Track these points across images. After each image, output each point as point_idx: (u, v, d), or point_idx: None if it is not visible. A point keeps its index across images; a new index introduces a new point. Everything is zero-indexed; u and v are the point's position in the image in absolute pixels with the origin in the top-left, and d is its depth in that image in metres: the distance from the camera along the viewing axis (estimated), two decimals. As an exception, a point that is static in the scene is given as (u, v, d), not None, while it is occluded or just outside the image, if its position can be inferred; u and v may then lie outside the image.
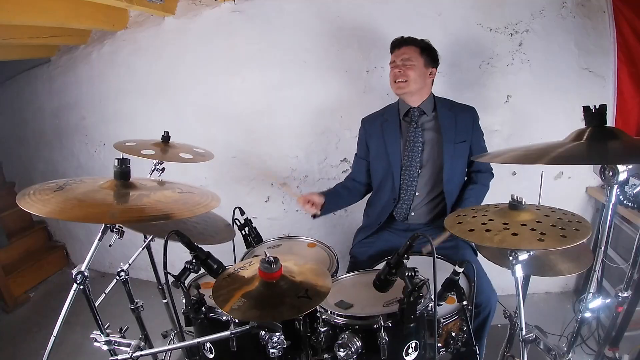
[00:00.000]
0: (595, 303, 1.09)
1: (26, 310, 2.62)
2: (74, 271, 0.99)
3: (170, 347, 1.22)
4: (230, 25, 2.23)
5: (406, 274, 1.01)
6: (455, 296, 1.18)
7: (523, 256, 0.98)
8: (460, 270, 1.13)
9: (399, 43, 1.70)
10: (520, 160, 0.93)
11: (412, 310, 1.01)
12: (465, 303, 1.17)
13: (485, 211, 1.07)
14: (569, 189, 2.23)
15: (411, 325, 1.04)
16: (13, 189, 3.14)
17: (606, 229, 1.02)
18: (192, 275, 1.16)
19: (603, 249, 1.03)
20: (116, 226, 1.23)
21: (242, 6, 2.20)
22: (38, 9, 1.83)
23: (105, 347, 1.11)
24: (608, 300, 1.12)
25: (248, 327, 1.03)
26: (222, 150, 2.32)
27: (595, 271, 1.06)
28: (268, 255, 0.96)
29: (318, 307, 1.12)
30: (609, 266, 1.92)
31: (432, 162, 1.68)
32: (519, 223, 0.96)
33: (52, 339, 1.04)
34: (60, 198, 0.92)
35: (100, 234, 1.04)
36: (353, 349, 1.04)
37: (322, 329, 1.12)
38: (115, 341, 1.12)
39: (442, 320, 1.20)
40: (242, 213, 1.61)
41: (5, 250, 2.80)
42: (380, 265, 1.14)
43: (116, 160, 1.04)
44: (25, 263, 2.86)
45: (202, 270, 1.11)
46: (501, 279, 1.55)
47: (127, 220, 1.02)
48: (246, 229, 1.62)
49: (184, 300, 1.13)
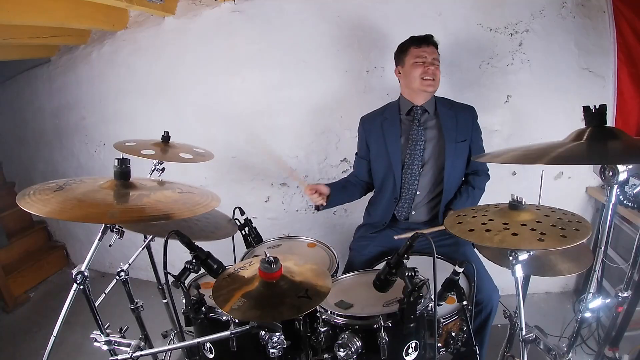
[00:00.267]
0: (595, 303, 1.09)
1: (26, 310, 2.62)
2: (74, 271, 0.99)
3: (170, 347, 1.22)
4: (230, 25, 2.23)
5: (406, 274, 1.01)
6: (455, 296, 1.18)
7: (523, 256, 0.98)
8: (460, 270, 1.13)
9: (427, 40, 1.66)
10: (520, 160, 0.93)
11: (412, 310, 1.02)
12: (465, 303, 1.17)
13: (485, 211, 1.07)
14: (569, 189, 2.23)
15: (411, 325, 1.04)
16: (13, 189, 3.14)
17: (606, 229, 1.02)
18: (192, 275, 1.16)
19: (603, 249, 1.03)
20: (116, 226, 1.23)
21: (242, 6, 2.19)
22: (38, 9, 1.83)
23: (105, 347, 1.12)
24: (608, 300, 1.12)
25: (248, 327, 1.03)
26: (222, 150, 2.32)
27: (595, 271, 1.06)
28: (268, 255, 0.96)
29: (318, 307, 1.12)
30: (609, 266, 1.92)
31: (434, 161, 1.68)
32: (519, 223, 0.96)
33: (52, 339, 1.04)
34: (60, 198, 0.93)
35: (100, 234, 1.05)
36: (353, 349, 1.04)
37: (322, 329, 1.12)
38: (115, 341, 1.12)
39: (442, 320, 1.20)
40: (242, 213, 1.61)
41: (5, 250, 2.80)
42: (380, 265, 1.14)
43: (116, 160, 1.04)
44: (25, 263, 2.86)
45: (202, 270, 1.11)
46: (501, 279, 1.55)
47: (127, 220, 1.02)
48: (246, 229, 1.62)
49: (184, 300, 1.14)
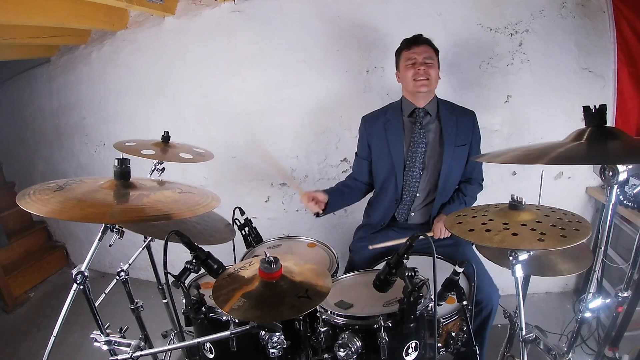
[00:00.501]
0: (595, 303, 1.09)
1: (26, 310, 2.62)
2: (74, 271, 0.99)
3: (170, 347, 1.22)
4: (230, 25, 2.23)
5: (406, 274, 1.01)
6: (455, 296, 1.18)
7: (523, 256, 0.98)
8: (460, 270, 1.13)
9: (417, 41, 1.65)
10: (520, 160, 0.92)
11: (412, 310, 1.02)
12: (465, 303, 1.17)
13: (485, 211, 1.07)
14: (569, 189, 2.23)
15: (411, 325, 1.04)
16: (13, 189, 3.15)
17: (606, 229, 1.02)
18: (192, 275, 1.16)
19: (603, 249, 1.03)
20: (116, 226, 1.23)
21: (242, 6, 2.19)
22: (38, 9, 1.83)
23: (105, 347, 1.12)
24: (608, 300, 1.12)
25: (248, 327, 1.03)
26: (222, 150, 2.32)
27: (595, 271, 1.06)
28: (268, 255, 0.96)
29: (318, 307, 1.12)
30: (609, 266, 1.92)
31: (434, 164, 1.68)
32: (519, 223, 0.97)
33: (52, 339, 1.04)
34: (60, 198, 0.93)
35: (100, 234, 1.05)
36: (353, 349, 1.04)
37: (322, 329, 1.12)
38: (115, 341, 1.12)
39: (442, 320, 1.21)
40: (242, 213, 1.61)
41: (5, 250, 2.80)
42: (380, 265, 1.14)
43: (116, 160, 1.04)
44: (25, 263, 2.86)
45: (202, 270, 1.11)
46: (501, 279, 1.55)
47: (127, 220, 1.02)
48: (246, 229, 1.63)
49: (184, 300, 1.13)
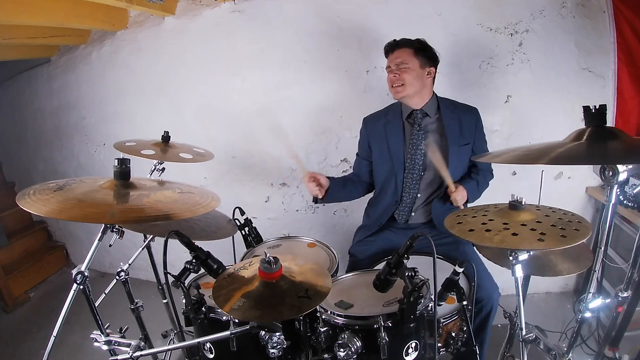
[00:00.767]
0: (595, 303, 1.09)
1: (26, 310, 2.62)
2: (74, 271, 0.99)
3: (170, 347, 1.22)
4: (230, 25, 2.23)
5: (406, 274, 1.01)
6: (455, 296, 1.18)
7: (523, 256, 0.98)
8: (460, 270, 1.13)
9: (391, 47, 1.66)
10: (520, 160, 0.93)
11: (412, 310, 1.02)
12: (465, 303, 1.17)
13: (485, 211, 1.07)
14: (569, 189, 2.23)
15: (411, 325, 1.04)
16: (13, 189, 3.14)
17: (606, 229, 1.02)
18: (192, 275, 1.16)
19: (603, 249, 1.03)
20: (116, 226, 1.23)
21: (242, 6, 2.19)
22: (38, 9, 1.83)
23: (105, 347, 1.12)
24: (608, 300, 1.12)
25: (248, 327, 1.03)
26: (222, 150, 2.32)
27: (595, 271, 1.06)
28: (268, 255, 0.96)
29: (318, 307, 1.12)
30: (609, 266, 1.92)
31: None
32: (519, 223, 0.97)
33: (52, 339, 1.04)
34: (60, 198, 0.93)
35: (100, 234, 1.05)
36: (353, 349, 1.04)
37: (322, 329, 1.12)
38: (115, 341, 1.12)
39: (442, 320, 1.20)
40: (242, 213, 1.61)
41: (5, 250, 2.80)
42: (380, 265, 1.14)
43: (116, 160, 1.04)
44: (25, 263, 2.86)
45: (202, 270, 1.11)
46: (501, 279, 1.55)
47: (127, 220, 1.02)
48: (246, 229, 1.62)
49: (184, 300, 1.14)
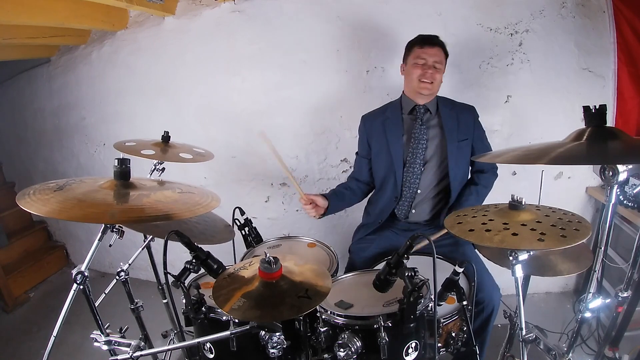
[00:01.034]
0: (595, 303, 1.09)
1: (26, 310, 2.62)
2: (74, 271, 0.99)
3: (170, 347, 1.22)
4: (230, 25, 2.23)
5: (406, 274, 1.01)
6: (455, 296, 1.18)
7: (523, 256, 0.98)
8: (460, 270, 1.13)
9: (432, 42, 1.64)
10: (520, 160, 0.92)
11: (412, 310, 1.02)
12: (465, 303, 1.17)
13: (485, 211, 1.07)
14: (569, 189, 2.23)
15: (411, 325, 1.04)
16: (13, 189, 3.14)
17: (606, 229, 1.02)
18: (192, 275, 1.16)
19: (603, 249, 1.03)
20: (116, 226, 1.23)
21: (242, 6, 2.19)
22: (38, 9, 1.83)
23: (105, 347, 1.12)
24: (608, 300, 1.12)
25: (248, 327, 1.03)
26: (222, 150, 2.32)
27: (595, 271, 1.06)
28: (268, 255, 0.96)
29: (318, 307, 1.12)
30: (609, 266, 1.92)
31: (436, 160, 1.69)
32: (519, 223, 0.96)
33: (52, 339, 1.04)
34: (60, 198, 0.93)
35: (100, 234, 1.05)
36: (353, 349, 1.04)
37: (322, 329, 1.12)
38: (115, 341, 1.12)
39: (442, 320, 1.21)
40: (242, 213, 1.61)
41: (5, 250, 2.80)
42: (380, 265, 1.14)
43: (116, 160, 1.04)
44: (25, 263, 2.86)
45: (202, 270, 1.11)
46: (501, 279, 1.55)
47: (127, 220, 1.02)
48: (246, 229, 1.63)
49: (184, 300, 1.13)
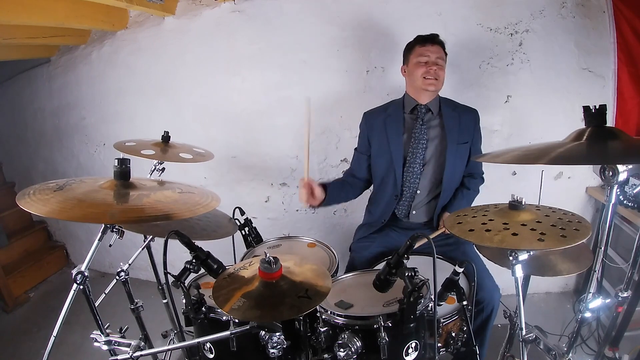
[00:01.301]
0: (595, 303, 1.09)
1: (26, 310, 2.62)
2: (74, 271, 0.99)
3: (170, 347, 1.22)
4: (230, 25, 2.23)
5: (406, 274, 1.01)
6: (455, 296, 1.18)
7: (523, 256, 0.98)
8: (460, 270, 1.13)
9: (433, 40, 1.66)
10: (520, 160, 0.92)
11: (412, 310, 1.02)
12: (465, 303, 1.17)
13: (485, 211, 1.07)
14: (569, 189, 2.23)
15: (411, 325, 1.04)
16: (13, 189, 3.14)
17: (606, 229, 1.02)
18: (192, 275, 1.16)
19: (603, 249, 1.03)
20: (116, 226, 1.23)
21: (242, 6, 2.19)
22: (38, 9, 1.82)
23: (105, 347, 1.12)
24: (608, 300, 1.12)
25: (248, 327, 1.03)
26: (222, 150, 2.32)
27: (595, 271, 1.06)
28: (268, 255, 0.96)
29: (318, 307, 1.12)
30: (609, 266, 1.92)
31: (435, 161, 1.69)
32: (519, 223, 0.97)
33: (52, 339, 1.04)
34: (60, 198, 0.93)
35: (100, 234, 1.05)
36: (353, 349, 1.04)
37: (322, 329, 1.12)
38: (115, 341, 1.12)
39: (442, 320, 1.21)
40: (242, 213, 1.61)
41: (5, 250, 2.80)
42: (380, 265, 1.14)
43: (116, 160, 1.04)
44: (25, 263, 2.86)
45: (202, 270, 1.11)
46: (501, 279, 1.55)
47: (127, 220, 1.02)
48: (246, 229, 1.62)
49: (184, 300, 1.13)
